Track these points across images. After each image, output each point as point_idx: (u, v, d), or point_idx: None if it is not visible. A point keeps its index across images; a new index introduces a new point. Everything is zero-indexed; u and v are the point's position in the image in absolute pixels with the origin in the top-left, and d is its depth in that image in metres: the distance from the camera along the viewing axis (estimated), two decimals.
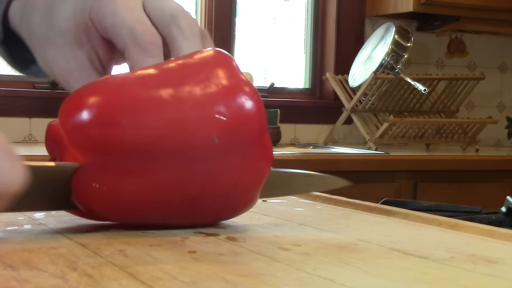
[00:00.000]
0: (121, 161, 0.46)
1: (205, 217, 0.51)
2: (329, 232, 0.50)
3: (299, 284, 0.35)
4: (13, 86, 2.34)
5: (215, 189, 0.48)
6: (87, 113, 0.46)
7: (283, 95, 2.79)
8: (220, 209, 0.50)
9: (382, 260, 0.41)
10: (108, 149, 0.46)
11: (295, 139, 2.75)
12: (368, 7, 2.81)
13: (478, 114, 3.01)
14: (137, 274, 0.36)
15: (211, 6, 2.65)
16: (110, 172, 0.46)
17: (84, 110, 0.46)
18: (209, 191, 0.48)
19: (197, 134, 0.47)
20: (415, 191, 2.26)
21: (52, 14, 0.55)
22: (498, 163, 2.40)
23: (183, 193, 0.47)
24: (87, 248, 0.42)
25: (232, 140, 0.48)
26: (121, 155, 0.46)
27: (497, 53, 3.11)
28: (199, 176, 0.47)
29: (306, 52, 2.87)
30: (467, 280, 0.37)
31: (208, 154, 0.47)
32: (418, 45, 2.84)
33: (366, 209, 0.63)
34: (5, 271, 0.36)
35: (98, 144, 0.46)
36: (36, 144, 2.28)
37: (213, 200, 0.49)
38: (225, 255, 0.42)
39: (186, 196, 0.48)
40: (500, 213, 0.89)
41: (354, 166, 2.19)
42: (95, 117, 0.46)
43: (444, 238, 0.50)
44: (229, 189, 0.49)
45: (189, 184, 0.47)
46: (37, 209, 0.49)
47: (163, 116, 0.46)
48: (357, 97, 2.55)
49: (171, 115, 0.46)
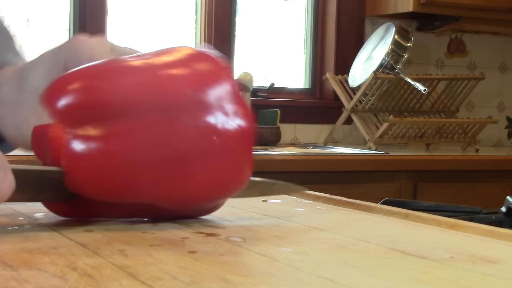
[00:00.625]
0: (107, 125, 0.47)
1: (193, 189, 0.51)
2: (329, 232, 0.50)
3: (299, 284, 0.35)
4: None
5: (199, 147, 0.49)
6: (71, 87, 0.48)
7: (283, 95, 2.79)
8: (208, 181, 0.51)
9: (382, 260, 0.41)
10: (93, 113, 0.47)
11: (295, 139, 2.75)
12: (368, 7, 2.81)
13: (478, 114, 3.01)
14: (137, 274, 0.36)
15: (211, 6, 2.65)
16: (98, 139, 0.47)
17: (68, 86, 0.48)
18: (193, 151, 0.49)
19: (172, 90, 0.49)
20: (415, 191, 2.26)
21: (24, 79, 0.58)
22: (498, 163, 2.40)
23: (169, 152, 0.48)
24: (87, 248, 0.42)
25: (208, 94, 0.50)
26: (105, 119, 0.47)
27: (497, 53, 3.11)
28: (181, 134, 0.49)
29: (306, 52, 2.87)
30: (467, 280, 0.37)
31: (187, 110, 0.49)
32: (418, 45, 2.84)
33: (366, 209, 0.63)
34: (5, 271, 0.36)
35: (83, 110, 0.47)
36: None
37: (198, 165, 0.49)
38: (225, 255, 0.42)
39: (172, 156, 0.48)
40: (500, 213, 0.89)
41: (354, 166, 2.19)
42: (77, 87, 0.48)
43: (444, 238, 0.50)
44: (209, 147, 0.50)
45: (172, 142, 0.48)
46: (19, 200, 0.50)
47: (139, 78, 0.49)
48: (357, 97, 2.55)
49: (146, 76, 0.49)
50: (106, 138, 0.47)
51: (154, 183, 0.49)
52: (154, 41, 2.58)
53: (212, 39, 2.65)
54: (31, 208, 0.59)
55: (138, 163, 0.48)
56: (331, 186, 2.00)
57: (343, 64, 2.77)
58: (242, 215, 0.58)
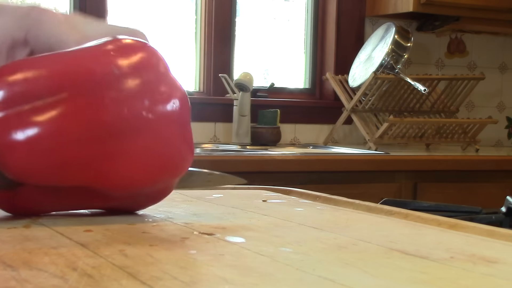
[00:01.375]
0: (39, 110, 0.48)
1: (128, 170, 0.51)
2: (329, 232, 0.50)
3: (299, 284, 0.35)
4: None
5: (129, 123, 0.50)
6: (5, 79, 0.49)
7: (283, 95, 2.79)
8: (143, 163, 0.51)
9: (382, 260, 0.41)
10: (23, 100, 0.48)
11: (295, 139, 2.75)
12: (368, 7, 2.81)
13: (478, 114, 3.01)
14: (137, 274, 0.36)
15: (211, 6, 2.65)
16: (32, 123, 0.48)
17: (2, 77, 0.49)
18: (123, 127, 0.49)
19: (99, 71, 0.50)
20: (415, 191, 2.26)
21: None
22: (498, 163, 2.40)
23: (98, 129, 0.49)
24: (87, 248, 0.42)
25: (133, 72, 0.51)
26: (34, 98, 0.48)
27: (497, 53, 3.11)
28: (109, 111, 0.49)
29: (306, 52, 2.87)
30: (467, 280, 0.37)
31: (114, 88, 0.50)
32: (418, 45, 2.84)
33: (366, 209, 0.63)
34: (5, 271, 0.36)
35: (15, 98, 0.48)
36: None
37: (129, 142, 0.50)
38: (225, 255, 0.42)
39: (102, 133, 0.49)
40: (500, 213, 0.89)
41: (354, 166, 2.19)
42: (10, 79, 0.49)
43: (444, 238, 0.50)
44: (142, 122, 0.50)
45: (100, 119, 0.49)
46: None
47: (65, 56, 0.51)
48: (357, 97, 2.55)
49: (71, 55, 0.51)
50: (41, 122, 0.48)
51: (87, 161, 0.49)
52: (154, 41, 2.58)
53: (212, 39, 2.65)
54: None
55: (69, 141, 0.49)
56: (331, 186, 2.00)
57: (343, 64, 2.77)
58: (242, 215, 0.58)
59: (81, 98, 0.49)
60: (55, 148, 0.48)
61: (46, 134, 0.48)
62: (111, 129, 0.49)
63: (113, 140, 0.49)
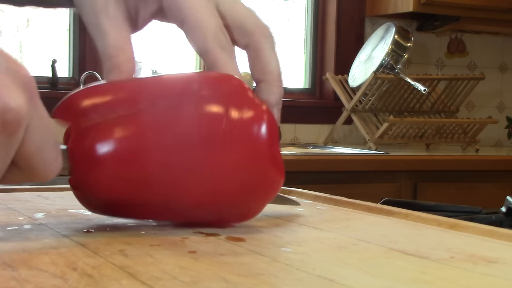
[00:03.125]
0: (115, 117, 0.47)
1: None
2: (329, 232, 0.50)
3: (299, 284, 0.35)
4: None
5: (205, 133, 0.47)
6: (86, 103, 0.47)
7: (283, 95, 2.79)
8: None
9: (382, 260, 0.41)
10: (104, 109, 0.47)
11: (295, 139, 2.75)
12: (368, 7, 2.81)
13: (478, 114, 3.01)
14: (137, 274, 0.36)
15: None
16: (111, 130, 0.46)
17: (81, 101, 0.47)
18: (198, 136, 0.47)
19: (178, 86, 0.48)
20: (415, 191, 2.26)
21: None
22: (498, 163, 2.40)
23: (175, 138, 0.47)
24: (87, 248, 0.42)
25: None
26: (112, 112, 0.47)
27: (497, 53, 3.11)
28: (187, 115, 0.47)
29: (306, 52, 2.87)
30: (467, 280, 0.37)
31: (192, 101, 0.48)
32: (418, 45, 2.84)
33: (366, 209, 0.63)
34: (5, 271, 0.36)
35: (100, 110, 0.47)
36: None
37: (207, 153, 0.47)
38: (225, 255, 0.42)
39: (179, 141, 0.47)
40: (500, 213, 0.89)
41: (354, 166, 2.19)
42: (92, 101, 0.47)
43: (444, 238, 0.50)
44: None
45: (177, 128, 0.47)
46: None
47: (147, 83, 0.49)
48: (357, 97, 2.55)
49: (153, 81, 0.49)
50: (121, 135, 0.47)
51: (167, 174, 0.47)
52: (154, 41, 2.58)
53: None
54: (31, 208, 0.59)
55: (148, 153, 0.47)
56: (331, 186, 2.00)
57: (343, 64, 2.77)
58: None
59: (159, 108, 0.47)
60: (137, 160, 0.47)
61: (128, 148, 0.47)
62: (187, 140, 0.47)
63: (192, 151, 0.47)
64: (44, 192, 0.70)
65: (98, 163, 0.46)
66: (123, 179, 0.47)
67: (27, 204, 0.61)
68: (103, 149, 0.46)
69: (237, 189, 0.49)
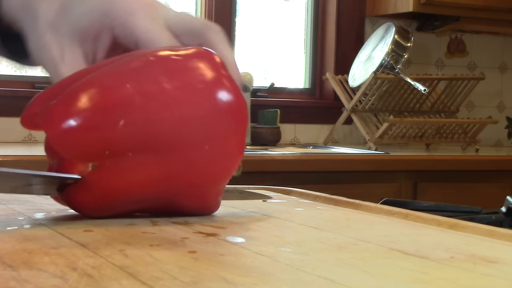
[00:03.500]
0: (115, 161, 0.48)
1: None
2: (329, 232, 0.50)
3: (299, 284, 0.35)
4: (13, 86, 2.34)
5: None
6: (74, 120, 0.48)
7: (283, 95, 2.79)
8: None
9: (382, 260, 0.41)
10: (97, 153, 0.48)
11: (295, 139, 2.75)
12: (368, 7, 2.81)
13: (478, 114, 3.01)
14: (137, 274, 0.36)
15: (211, 6, 2.65)
16: (103, 171, 0.48)
17: (70, 117, 0.48)
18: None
19: (186, 135, 0.49)
20: (415, 191, 2.26)
21: (67, 7, 0.56)
22: (498, 163, 2.40)
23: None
24: (87, 248, 0.42)
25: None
26: (112, 157, 0.48)
27: (497, 53, 3.11)
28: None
29: (306, 52, 2.87)
30: (467, 280, 0.37)
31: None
32: (418, 45, 2.84)
33: (366, 209, 0.63)
34: (5, 271, 0.36)
35: (88, 149, 0.48)
36: (36, 144, 2.28)
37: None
38: (225, 255, 0.42)
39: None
40: (500, 213, 0.89)
41: (354, 166, 2.19)
42: (82, 124, 0.48)
43: (444, 238, 0.50)
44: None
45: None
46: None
47: (146, 115, 0.49)
48: (357, 97, 2.55)
49: (155, 113, 0.49)
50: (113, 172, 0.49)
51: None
52: None
53: None
54: (31, 208, 0.59)
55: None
56: (331, 186, 2.00)
57: (343, 64, 2.77)
58: (242, 215, 0.58)
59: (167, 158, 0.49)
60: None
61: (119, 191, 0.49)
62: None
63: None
64: None
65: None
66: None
67: (27, 204, 0.61)
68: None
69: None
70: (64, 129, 0.47)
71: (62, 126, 0.47)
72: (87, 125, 0.47)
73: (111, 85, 0.49)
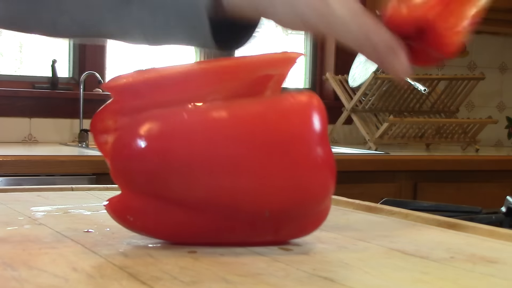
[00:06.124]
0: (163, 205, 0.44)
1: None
2: (329, 232, 0.50)
3: (299, 284, 0.35)
4: (13, 86, 2.34)
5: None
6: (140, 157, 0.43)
7: None
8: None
9: (382, 260, 0.41)
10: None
11: None
12: (368, 7, 2.81)
13: (478, 114, 3.01)
14: (137, 274, 0.36)
15: None
16: (148, 213, 0.44)
17: (135, 155, 0.43)
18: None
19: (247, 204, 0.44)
20: (415, 191, 2.26)
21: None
22: (498, 163, 2.40)
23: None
24: (87, 248, 0.42)
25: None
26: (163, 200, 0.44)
27: (497, 53, 3.11)
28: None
29: (306, 52, 2.87)
30: (467, 280, 0.37)
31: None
32: None
33: (366, 209, 0.63)
34: (5, 271, 0.36)
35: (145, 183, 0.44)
36: (36, 144, 2.28)
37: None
38: (225, 255, 0.42)
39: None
40: (500, 213, 0.89)
41: (354, 166, 2.19)
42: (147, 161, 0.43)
43: (444, 238, 0.50)
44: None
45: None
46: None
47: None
48: (357, 97, 2.55)
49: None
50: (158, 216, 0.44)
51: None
52: None
53: None
54: (31, 208, 0.59)
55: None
56: None
57: (343, 64, 2.77)
58: None
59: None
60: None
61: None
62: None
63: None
64: (44, 192, 0.70)
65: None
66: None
67: (27, 204, 0.61)
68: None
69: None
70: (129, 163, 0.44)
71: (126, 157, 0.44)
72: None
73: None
